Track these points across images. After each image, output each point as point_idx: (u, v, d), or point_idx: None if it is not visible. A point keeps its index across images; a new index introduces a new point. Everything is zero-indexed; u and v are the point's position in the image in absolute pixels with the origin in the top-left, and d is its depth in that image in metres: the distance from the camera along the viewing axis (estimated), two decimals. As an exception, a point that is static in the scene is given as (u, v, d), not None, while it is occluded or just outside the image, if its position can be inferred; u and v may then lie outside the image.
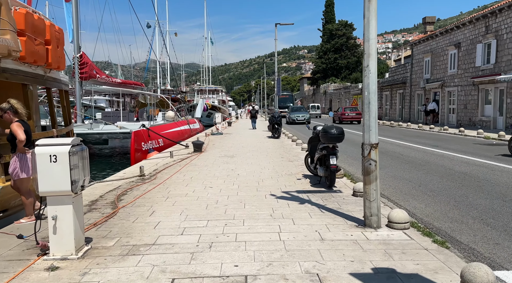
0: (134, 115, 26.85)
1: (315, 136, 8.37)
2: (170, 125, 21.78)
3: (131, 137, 15.56)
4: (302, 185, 7.98)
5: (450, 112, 27.43)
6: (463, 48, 25.13)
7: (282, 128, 20.84)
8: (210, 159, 12.27)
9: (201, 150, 14.31)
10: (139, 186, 8.13)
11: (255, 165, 10.83)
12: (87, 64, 21.28)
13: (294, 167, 10.37)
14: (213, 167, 10.60)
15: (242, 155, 13.29)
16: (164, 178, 9.10)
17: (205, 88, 63.58)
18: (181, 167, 10.64)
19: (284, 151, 14.28)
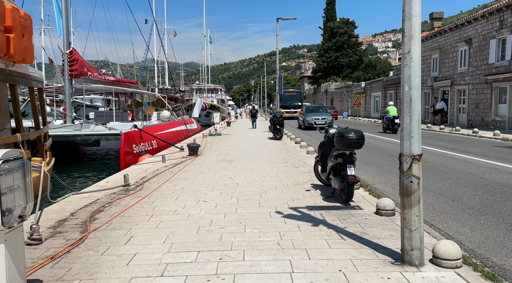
0: (129, 115, 25.61)
1: (327, 141, 7.16)
2: (165, 125, 20.56)
3: (121, 139, 14.34)
4: (312, 198, 6.76)
5: (460, 112, 26.21)
6: (474, 44, 23.91)
7: (285, 129, 19.59)
8: (206, 164, 11.04)
9: (196, 153, 13.10)
10: (121, 199, 6.91)
11: (257, 172, 9.61)
12: (78, 61, 20.04)
13: (301, 175, 9.14)
14: (209, 174, 9.38)
15: (242, 159, 12.07)
16: (151, 188, 7.88)
17: (204, 87, 62.33)
18: (173, 174, 9.42)
19: (287, 154, 13.05)
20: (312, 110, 29.77)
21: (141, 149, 15.56)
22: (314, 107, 31.74)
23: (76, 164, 17.26)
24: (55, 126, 18.90)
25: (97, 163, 17.97)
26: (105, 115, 24.02)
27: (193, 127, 27.28)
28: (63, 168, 16.26)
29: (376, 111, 43.55)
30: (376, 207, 5.80)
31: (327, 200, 6.65)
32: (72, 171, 15.58)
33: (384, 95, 40.46)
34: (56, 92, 23.55)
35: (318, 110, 29.60)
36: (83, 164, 17.76)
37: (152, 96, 28.71)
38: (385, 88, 39.93)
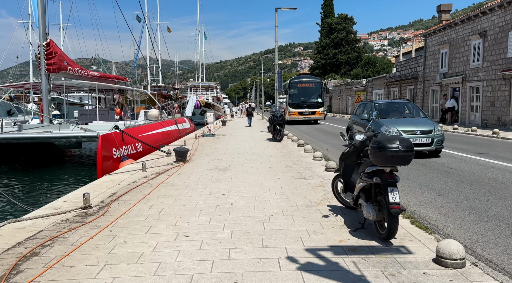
0: (117, 114, 23.63)
1: (352, 150, 5.29)
2: (153, 125, 18.63)
3: (98, 142, 12.43)
4: (335, 231, 4.90)
5: (473, 110, 24.38)
6: (490, 37, 22.08)
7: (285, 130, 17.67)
8: (195, 174, 9.15)
9: (185, 159, 11.20)
10: (72, 232, 5.03)
11: (256, 185, 7.73)
12: (56, 54, 18.09)
13: (311, 190, 7.27)
14: (196, 189, 7.49)
15: (238, 166, 10.18)
16: (119, 211, 6.00)
17: (198, 84, 60.30)
18: (152, 189, 7.52)
19: (291, 160, 11.18)
20: (389, 111, 13.36)
21: (122, 153, 13.65)
22: (392, 105, 13.86)
23: (55, 168, 15.33)
24: (29, 126, 16.98)
25: (78, 168, 16.02)
26: (89, 114, 22.11)
27: (185, 127, 25.36)
28: (39, 172, 14.37)
29: (378, 109, 41.71)
30: (435, 253, 3.94)
31: (356, 234, 4.79)
32: (47, 176, 13.66)
33: (387, 92, 38.63)
34: (34, 89, 21.56)
35: (403, 112, 13.40)
36: (63, 167, 15.80)
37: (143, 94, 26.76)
38: (388, 85, 38.11)
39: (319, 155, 11.08)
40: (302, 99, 31.14)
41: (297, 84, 31.55)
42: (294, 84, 31.81)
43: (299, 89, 31.39)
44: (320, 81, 32.09)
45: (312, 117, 31.03)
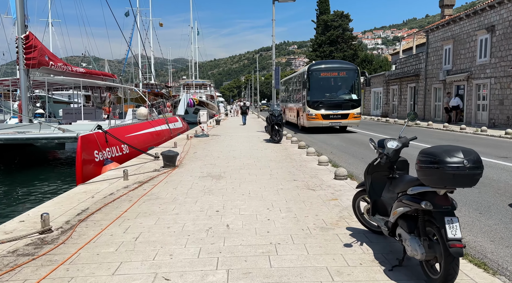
0: (106, 112, 22.23)
1: (385, 162, 4.06)
2: (141, 125, 17.33)
3: (77, 144, 11.14)
4: (365, 271, 3.69)
5: (479, 109, 23.28)
6: (498, 31, 20.98)
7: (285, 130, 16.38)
8: (185, 183, 7.90)
9: (174, 164, 9.95)
10: (15, 272, 3.78)
11: (256, 199, 6.50)
12: (36, 48, 16.78)
13: (323, 204, 6.06)
14: (185, 204, 6.24)
15: (234, 173, 8.94)
16: (86, 236, 4.76)
17: (192, 82, 58.88)
18: (131, 204, 6.27)
19: (293, 165, 9.96)
20: None
21: (106, 155, 12.37)
22: None
23: (32, 172, 13.99)
24: (5, 126, 15.65)
25: (58, 172, 14.67)
26: (74, 112, 20.74)
27: (177, 126, 24.07)
28: (12, 178, 13.03)
29: (377, 108, 40.61)
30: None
31: (394, 275, 3.58)
32: (20, 183, 12.34)
33: (386, 91, 37.51)
34: (14, 86, 20.16)
35: None
36: (42, 171, 14.44)
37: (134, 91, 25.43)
38: (387, 83, 36.98)
39: (325, 159, 9.87)
40: (328, 95, 20.75)
41: (320, 73, 20.76)
42: (316, 72, 20.80)
43: (323, 80, 20.88)
44: (355, 68, 21.30)
45: (343, 123, 20.80)
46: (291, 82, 27.59)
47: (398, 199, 3.69)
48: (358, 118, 20.85)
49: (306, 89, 20.86)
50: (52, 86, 23.12)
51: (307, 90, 20.76)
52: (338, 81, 21.26)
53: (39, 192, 10.83)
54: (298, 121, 23.40)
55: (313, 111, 20.64)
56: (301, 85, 22.01)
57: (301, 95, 22.45)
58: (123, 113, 21.11)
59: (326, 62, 22.90)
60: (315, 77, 20.79)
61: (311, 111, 20.70)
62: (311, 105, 20.61)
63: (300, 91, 22.70)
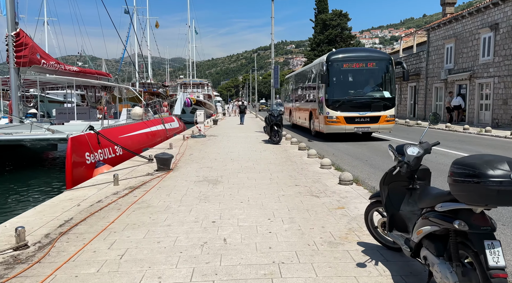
0: (100, 112, 21.67)
1: (406, 171, 3.54)
2: (136, 125, 16.78)
3: (67, 146, 10.60)
4: (385, 298, 3.17)
5: (482, 109, 22.82)
6: (502, 29, 20.50)
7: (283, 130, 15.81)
8: (179, 189, 7.37)
9: (169, 167, 9.41)
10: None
11: (256, 207, 5.98)
12: (27, 46, 16.22)
13: (329, 214, 5.54)
14: (178, 214, 5.72)
15: (232, 177, 8.42)
16: (66, 253, 4.23)
17: (189, 81, 58.28)
18: (120, 213, 5.74)
19: (294, 168, 9.44)
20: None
21: (97, 157, 11.83)
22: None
23: (21, 175, 13.43)
24: (-9, 127, 15.10)
25: (50, 174, 14.10)
26: (67, 112, 20.18)
27: (173, 126, 23.52)
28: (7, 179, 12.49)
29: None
30: None
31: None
32: (14, 184, 11.80)
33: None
34: (4, 85, 19.57)
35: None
36: (33, 174, 13.87)
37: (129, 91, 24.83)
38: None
39: (328, 162, 9.35)
40: (353, 92, 16.39)
41: (343, 64, 16.29)
42: (337, 63, 16.29)
43: (347, 73, 16.64)
44: (388, 58, 16.63)
45: (373, 128, 16.25)
46: (300, 77, 22.66)
47: (423, 215, 3.17)
48: (392, 123, 16.40)
49: (324, 85, 16.22)
50: (45, 86, 22.59)
51: (326, 86, 16.11)
52: (366, 75, 16.63)
53: (26, 198, 10.29)
54: (312, 125, 19.08)
55: (333, 113, 16.05)
56: (316, 80, 17.72)
57: (316, 93, 18.05)
58: (117, 113, 20.56)
59: (350, 50, 18.24)
60: (337, 69, 16.25)
61: (330, 113, 16.08)
62: (331, 106, 16.11)
63: (315, 88, 18.31)
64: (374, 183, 8.15)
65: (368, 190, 6.97)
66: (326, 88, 16.22)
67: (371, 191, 6.93)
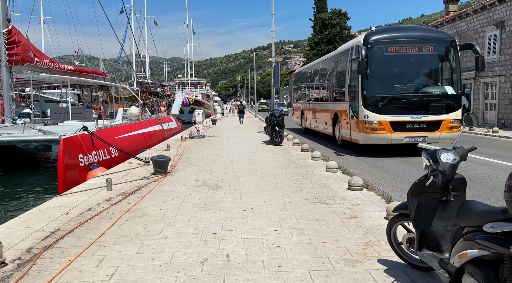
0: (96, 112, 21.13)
1: (441, 180, 3.03)
2: (132, 126, 16.27)
3: (59, 147, 10.09)
4: None
5: (487, 108, 22.37)
6: (509, 27, 20.06)
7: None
8: (177, 194, 6.86)
9: (166, 170, 8.90)
10: None
11: (260, 216, 5.48)
12: (20, 44, 15.69)
13: (341, 224, 5.05)
14: (175, 224, 5.21)
15: (233, 182, 7.91)
16: (48, 272, 3.73)
17: (187, 81, 57.72)
18: (112, 223, 5.23)
19: (298, 171, 8.94)
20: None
21: (92, 159, 11.31)
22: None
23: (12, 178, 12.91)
24: (-16, 127, 14.54)
25: (43, 177, 13.56)
26: (62, 112, 19.65)
27: (171, 126, 23.01)
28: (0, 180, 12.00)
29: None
30: None
31: None
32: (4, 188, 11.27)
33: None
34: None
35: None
36: (28, 175, 13.32)
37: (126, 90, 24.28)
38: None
39: (334, 165, 8.86)
40: (402, 87, 12.10)
41: (387, 48, 11.89)
42: (379, 47, 11.96)
43: (393, 60, 12.19)
44: (451, 39, 12.31)
45: (431, 137, 11.84)
46: (319, 70, 17.87)
47: (466, 236, 2.67)
48: (457, 130, 11.57)
49: (360, 77, 11.64)
50: (40, 85, 22.04)
51: (363, 79, 11.56)
52: (421, 63, 12.20)
53: (15, 203, 9.76)
54: (337, 132, 14.41)
55: (374, 117, 11.46)
56: (347, 72, 13.13)
57: (345, 89, 13.35)
58: (114, 113, 20.03)
59: (397, 29, 13.15)
60: (379, 54, 11.68)
61: (370, 117, 11.52)
62: (371, 106, 11.57)
63: (342, 82, 13.69)
64: (386, 188, 7.66)
65: (381, 196, 6.47)
66: (363, 82, 11.60)
67: (384, 197, 6.44)
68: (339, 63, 14.56)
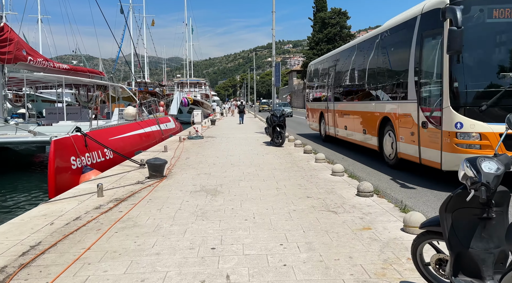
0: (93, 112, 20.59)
1: (485, 194, 2.53)
2: (129, 126, 15.76)
3: (50, 149, 9.60)
4: None
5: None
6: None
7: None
8: (172, 202, 6.35)
9: (162, 174, 8.39)
10: None
11: (264, 227, 4.97)
12: (12, 42, 15.19)
13: (354, 237, 4.55)
14: (170, 236, 4.70)
15: (233, 187, 7.41)
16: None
17: (186, 80, 57.20)
18: (99, 236, 4.72)
19: (302, 175, 8.44)
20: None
21: (85, 162, 10.81)
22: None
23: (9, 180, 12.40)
24: (-26, 128, 14.02)
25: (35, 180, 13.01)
26: (57, 112, 19.16)
27: (169, 127, 22.51)
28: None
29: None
30: None
31: None
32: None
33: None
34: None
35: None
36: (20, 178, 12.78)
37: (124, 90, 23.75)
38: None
39: (340, 168, 8.35)
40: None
41: (492, 12, 7.18)
42: (482, 10, 7.17)
43: (502, 33, 7.44)
44: None
45: None
46: (355, 56, 13.20)
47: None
48: None
49: (448, 59, 7.32)
50: (34, 84, 21.53)
51: (452, 62, 7.26)
52: None
53: (1, 210, 9.23)
54: (388, 145, 10.28)
55: (474, 126, 7.15)
56: (410, 54, 9.00)
57: (406, 80, 9.24)
58: (110, 113, 19.53)
59: None
60: (478, 22, 7.46)
61: (466, 125, 7.24)
62: (468, 108, 7.36)
63: (401, 70, 9.62)
64: (397, 195, 7.15)
65: (394, 204, 5.97)
66: (452, 68, 7.36)
67: (397, 205, 5.94)
68: (393, 44, 10.30)
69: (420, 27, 8.61)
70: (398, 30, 10.02)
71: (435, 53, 7.89)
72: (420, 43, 8.51)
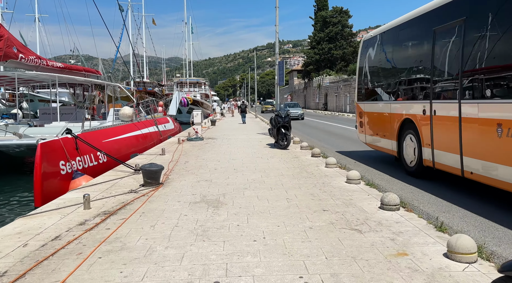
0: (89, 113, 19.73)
1: None
2: (125, 127, 14.92)
3: (36, 153, 8.78)
4: None
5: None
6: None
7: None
8: (168, 217, 5.52)
9: (158, 181, 7.56)
10: None
11: (276, 252, 4.14)
12: (2, 38, 14.39)
13: (389, 266, 3.72)
14: (163, 266, 3.87)
15: (237, 197, 6.58)
16: None
17: (185, 80, 56.36)
18: (77, 265, 3.89)
19: (314, 183, 7.61)
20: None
21: (75, 167, 9.98)
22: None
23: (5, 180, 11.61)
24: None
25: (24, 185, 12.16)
26: (52, 112, 18.31)
27: (168, 128, 21.69)
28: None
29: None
30: None
31: None
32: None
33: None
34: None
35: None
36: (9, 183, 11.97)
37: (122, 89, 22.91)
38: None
39: (356, 175, 7.52)
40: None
41: None
42: None
43: None
44: None
45: None
46: None
47: None
48: None
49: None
50: (28, 83, 20.72)
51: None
52: None
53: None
54: None
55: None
56: None
57: None
58: (106, 113, 18.70)
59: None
60: None
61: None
62: None
63: None
64: (427, 208, 6.31)
65: (427, 220, 5.13)
66: None
67: (430, 221, 5.10)
68: None
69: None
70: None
71: None
72: None
